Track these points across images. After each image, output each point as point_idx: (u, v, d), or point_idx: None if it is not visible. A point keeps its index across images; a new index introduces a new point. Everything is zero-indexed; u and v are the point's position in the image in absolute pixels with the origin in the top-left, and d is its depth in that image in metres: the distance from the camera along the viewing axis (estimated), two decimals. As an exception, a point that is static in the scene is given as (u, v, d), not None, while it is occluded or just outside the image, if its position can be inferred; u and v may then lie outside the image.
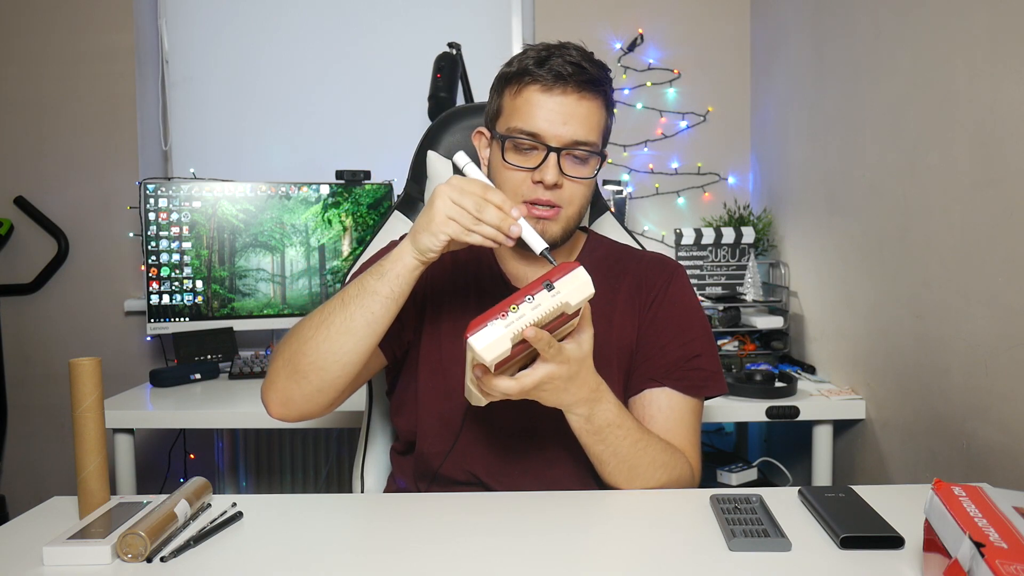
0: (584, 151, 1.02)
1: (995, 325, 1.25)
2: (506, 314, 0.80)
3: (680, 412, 1.09)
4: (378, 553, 0.83)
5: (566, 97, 1.00)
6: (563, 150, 1.01)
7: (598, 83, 1.02)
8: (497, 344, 0.79)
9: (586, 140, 1.01)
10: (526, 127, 1.01)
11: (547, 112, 1.00)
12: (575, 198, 1.05)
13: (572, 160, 1.02)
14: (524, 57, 1.02)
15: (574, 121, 1.00)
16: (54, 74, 2.47)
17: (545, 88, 1.00)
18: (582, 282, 0.82)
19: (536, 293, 0.80)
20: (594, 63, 1.03)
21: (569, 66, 0.99)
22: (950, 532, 0.68)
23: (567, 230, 1.06)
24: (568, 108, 1.00)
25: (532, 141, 1.01)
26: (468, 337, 0.79)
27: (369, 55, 2.58)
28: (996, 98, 1.24)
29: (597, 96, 1.03)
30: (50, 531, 0.87)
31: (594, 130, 1.03)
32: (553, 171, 1.00)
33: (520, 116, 1.01)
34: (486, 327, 0.79)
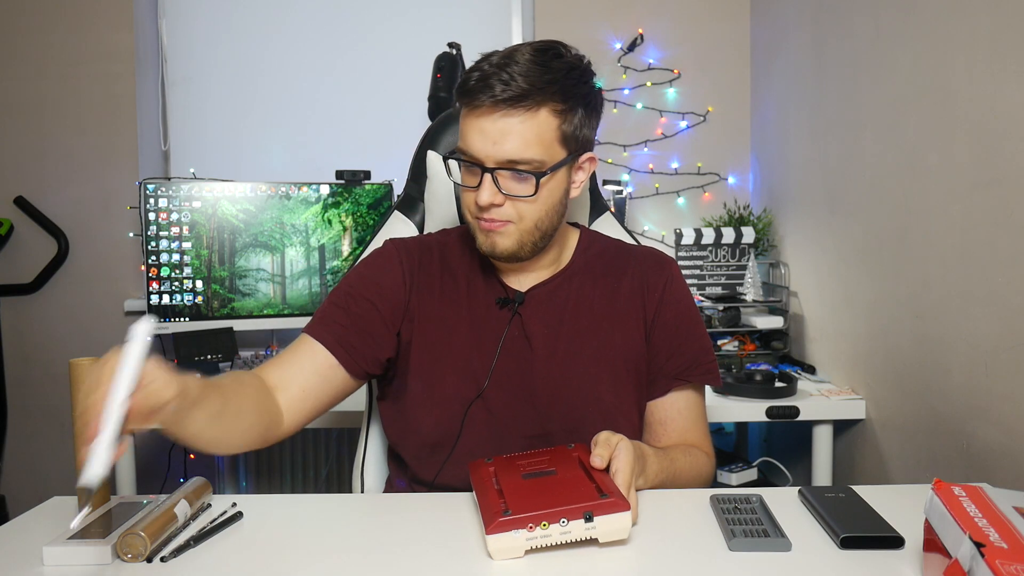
0: (518, 170, 0.99)
1: (995, 325, 1.25)
2: (533, 528, 0.78)
3: (697, 408, 1.14)
4: (378, 553, 0.83)
5: (489, 116, 0.97)
6: (496, 170, 0.99)
7: (530, 94, 0.96)
8: (511, 551, 0.79)
9: (521, 158, 0.98)
10: (462, 147, 1.01)
11: (477, 133, 0.98)
12: (525, 215, 1.02)
13: (512, 177, 1.00)
14: (463, 74, 1.01)
15: (504, 140, 0.97)
16: (54, 74, 2.47)
17: (472, 109, 0.98)
18: (622, 527, 0.80)
19: (572, 520, 0.79)
20: (533, 71, 0.97)
21: (498, 84, 0.96)
22: (950, 532, 0.68)
23: (523, 245, 1.04)
24: (497, 127, 0.97)
25: (469, 160, 1.01)
26: (487, 534, 0.79)
27: (369, 55, 2.58)
28: (996, 98, 1.24)
29: (532, 108, 0.97)
30: (50, 531, 0.87)
31: (531, 145, 0.98)
32: (487, 192, 0.99)
33: (460, 136, 1.02)
34: (509, 533, 0.78)
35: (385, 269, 1.12)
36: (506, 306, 1.10)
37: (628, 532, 0.81)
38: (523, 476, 0.89)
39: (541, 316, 1.10)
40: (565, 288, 1.12)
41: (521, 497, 0.83)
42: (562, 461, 0.92)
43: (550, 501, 0.81)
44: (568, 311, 1.10)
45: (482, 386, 1.06)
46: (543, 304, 1.10)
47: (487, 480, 0.90)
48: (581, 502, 0.80)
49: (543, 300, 1.10)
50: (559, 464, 0.92)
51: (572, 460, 0.93)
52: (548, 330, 1.09)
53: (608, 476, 0.87)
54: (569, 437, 1.02)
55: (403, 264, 1.12)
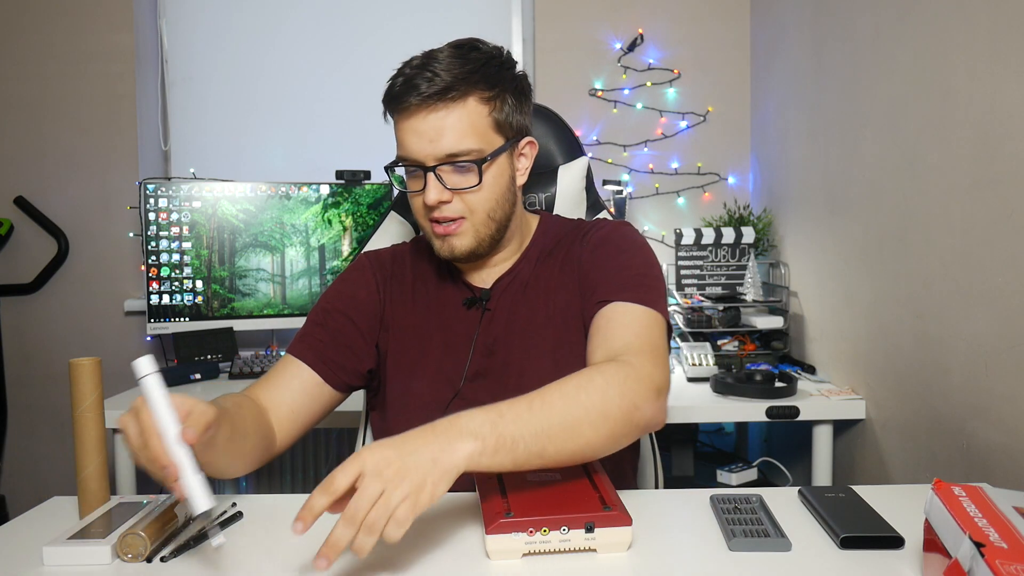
0: (458, 162, 1.00)
1: (995, 325, 1.25)
2: (533, 532, 0.79)
3: (623, 317, 0.98)
4: (378, 553, 0.83)
5: (421, 115, 0.99)
6: (437, 167, 1.00)
7: (455, 86, 0.98)
8: (508, 552, 0.79)
9: (458, 150, 0.99)
10: (401, 153, 1.02)
11: (412, 135, 1.00)
12: (476, 207, 1.02)
13: (454, 171, 1.01)
14: (389, 84, 1.03)
15: (440, 136, 0.98)
16: (54, 74, 2.47)
17: (406, 113, 1.00)
18: (621, 541, 0.80)
19: (573, 529, 0.79)
20: (454, 64, 0.98)
21: (424, 83, 0.97)
22: (950, 532, 0.68)
23: (481, 239, 1.05)
24: (428, 125, 0.99)
25: (409, 164, 1.02)
26: (487, 534, 0.79)
27: (369, 55, 2.58)
28: (996, 98, 1.24)
29: (458, 98, 0.98)
30: (50, 531, 0.88)
31: (466, 135, 0.99)
32: (433, 191, 1.00)
33: (398, 143, 1.03)
34: (509, 535, 0.79)
35: (360, 283, 1.14)
36: (473, 306, 1.11)
37: (628, 546, 0.81)
38: (527, 478, 0.89)
39: (504, 307, 1.11)
40: (523, 275, 1.13)
41: (524, 499, 0.83)
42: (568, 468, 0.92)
43: (553, 507, 0.81)
44: (525, 296, 1.11)
45: (458, 388, 1.07)
46: (505, 295, 1.11)
47: (491, 478, 0.90)
48: (584, 512, 0.80)
49: (504, 291, 1.12)
50: (564, 469, 0.91)
51: (577, 468, 0.93)
52: (511, 320, 1.10)
53: (611, 486, 0.87)
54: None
55: (376, 276, 1.15)
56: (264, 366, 2.06)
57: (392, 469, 0.72)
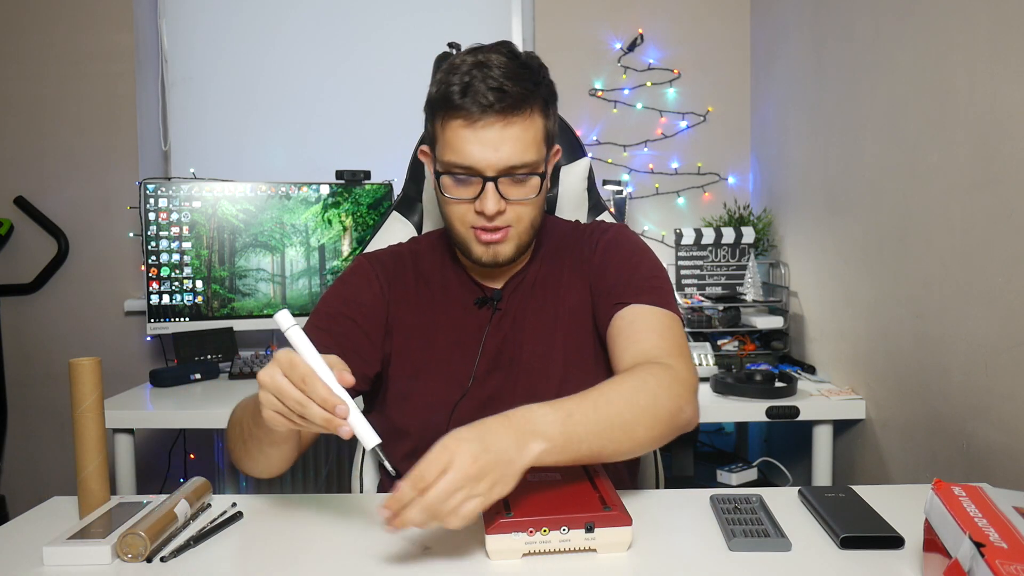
0: (521, 173, 0.99)
1: (995, 325, 1.25)
2: (533, 532, 0.79)
3: (647, 319, 1.01)
4: (378, 553, 0.83)
5: (492, 126, 0.96)
6: (499, 177, 0.98)
7: (525, 98, 0.97)
8: (508, 552, 0.79)
9: (522, 163, 0.98)
10: (459, 161, 0.98)
11: (476, 144, 0.97)
12: (523, 216, 1.03)
13: (512, 182, 0.99)
14: (447, 83, 0.98)
15: (505, 147, 0.97)
16: (54, 74, 2.47)
17: (469, 121, 0.96)
18: (621, 541, 0.80)
19: (573, 529, 0.79)
20: (518, 76, 0.97)
21: (491, 93, 0.95)
22: (950, 532, 0.68)
23: (520, 246, 1.05)
24: (496, 136, 0.96)
25: (466, 173, 0.99)
26: (487, 533, 0.79)
27: (369, 55, 2.58)
28: (996, 98, 1.24)
29: (526, 111, 0.98)
30: (50, 531, 0.88)
31: (530, 148, 0.99)
32: (493, 200, 0.98)
33: (452, 150, 0.98)
34: (509, 535, 0.78)
35: (362, 286, 1.13)
36: (484, 306, 1.11)
37: (628, 547, 0.81)
38: (528, 478, 0.89)
39: (517, 307, 1.11)
40: (532, 276, 1.13)
41: (524, 499, 0.83)
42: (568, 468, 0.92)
43: (553, 507, 0.81)
44: (533, 297, 1.12)
45: (466, 387, 1.07)
46: (514, 296, 1.12)
47: None
48: (584, 511, 0.80)
49: (515, 289, 1.12)
50: (564, 469, 0.91)
51: (577, 468, 0.93)
52: (519, 320, 1.10)
53: (611, 485, 0.87)
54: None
55: (379, 278, 1.13)
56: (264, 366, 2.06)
57: (476, 466, 0.75)
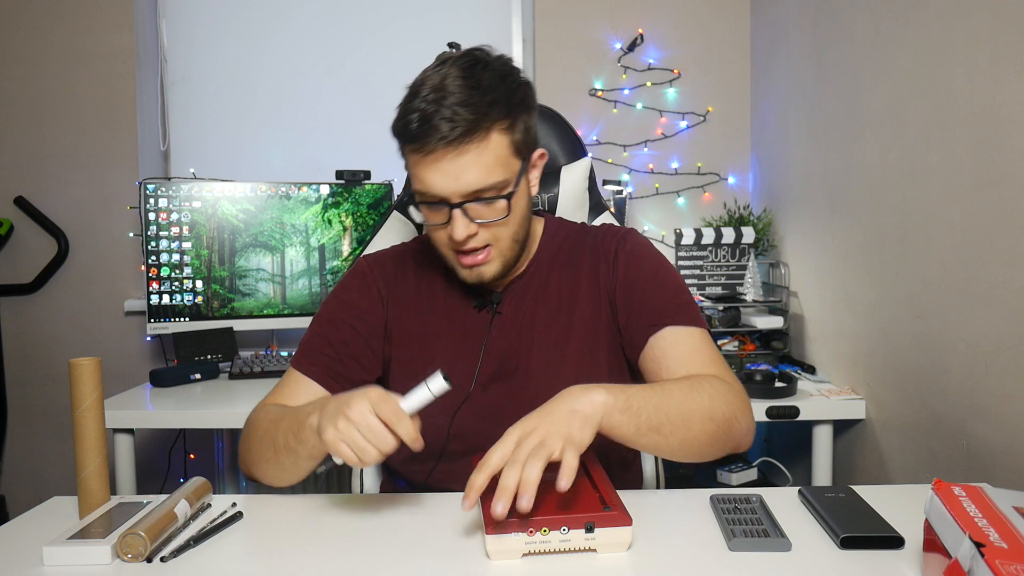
0: (484, 199, 0.97)
1: (995, 325, 1.25)
2: (533, 532, 0.79)
3: (688, 341, 1.04)
4: (378, 553, 0.83)
5: (446, 157, 0.94)
6: (465, 203, 0.97)
7: (477, 123, 0.94)
8: (508, 552, 0.79)
9: (484, 187, 0.96)
10: (423, 190, 0.98)
11: (435, 175, 0.96)
12: (501, 235, 1.01)
13: (481, 205, 0.98)
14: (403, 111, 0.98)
15: (464, 174, 0.95)
16: (54, 74, 2.47)
17: (423, 153, 0.95)
18: (622, 541, 0.80)
19: (573, 529, 0.79)
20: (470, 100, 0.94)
21: (443, 124, 0.93)
22: (950, 532, 0.68)
23: (506, 263, 1.04)
24: (451, 165, 0.95)
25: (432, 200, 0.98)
26: (488, 534, 0.79)
27: (369, 55, 2.58)
28: (996, 98, 1.24)
29: (479, 134, 0.95)
30: (50, 531, 0.87)
31: (492, 170, 0.96)
32: (460, 226, 0.97)
33: (416, 179, 0.98)
34: (509, 535, 0.79)
35: (361, 290, 1.12)
36: (484, 308, 1.10)
37: (628, 546, 0.81)
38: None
39: (517, 311, 1.10)
40: (536, 279, 1.12)
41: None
42: None
43: (553, 507, 0.81)
44: (539, 301, 1.11)
45: (468, 390, 1.06)
46: (518, 299, 1.11)
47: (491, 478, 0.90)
48: (584, 511, 0.80)
49: (518, 295, 1.11)
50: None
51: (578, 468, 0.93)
52: (524, 324, 1.09)
53: (611, 486, 0.87)
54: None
55: (377, 281, 1.13)
56: (264, 366, 2.06)
57: (540, 432, 0.80)
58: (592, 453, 0.96)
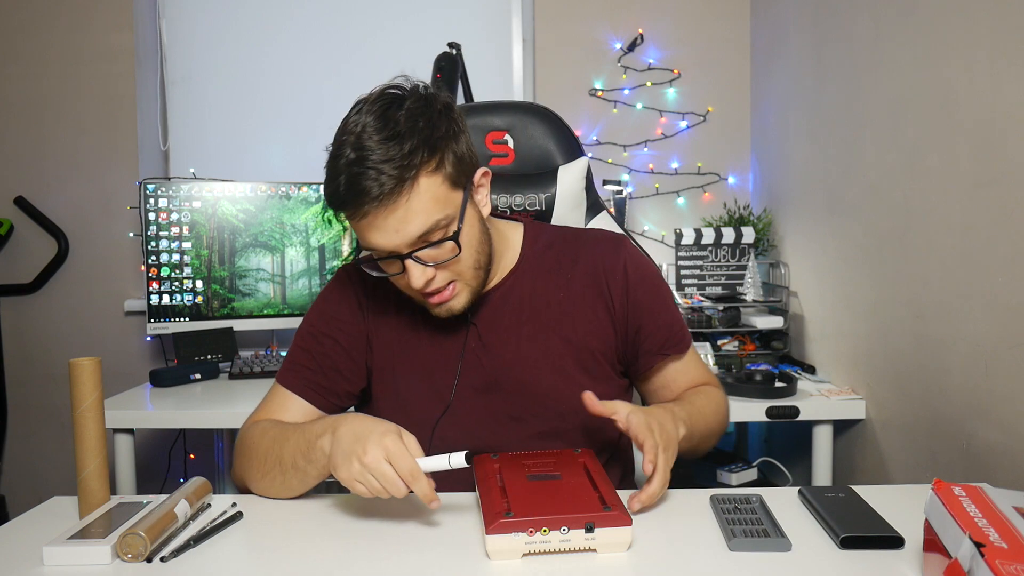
0: (432, 242, 0.95)
1: (995, 325, 1.25)
2: (533, 532, 0.79)
3: (690, 363, 1.16)
4: (378, 553, 0.83)
5: (380, 215, 0.92)
6: (412, 253, 0.95)
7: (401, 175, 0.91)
8: (508, 552, 0.79)
9: (427, 230, 0.93)
10: (371, 246, 0.97)
11: (375, 233, 0.94)
12: (461, 268, 0.99)
13: (431, 249, 0.96)
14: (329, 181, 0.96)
15: (404, 226, 0.93)
16: (54, 74, 2.47)
17: (358, 218, 0.94)
18: (622, 541, 0.80)
19: (573, 529, 0.79)
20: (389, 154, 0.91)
21: (371, 184, 0.90)
22: (950, 532, 0.68)
23: (474, 290, 1.03)
24: (389, 221, 0.93)
25: (382, 255, 0.97)
26: (487, 533, 0.78)
27: (369, 55, 2.58)
28: (996, 98, 1.24)
29: (406, 185, 0.92)
30: (50, 531, 0.87)
31: (430, 213, 0.94)
32: (416, 274, 0.96)
33: (362, 239, 0.97)
34: (509, 535, 0.78)
35: (341, 300, 1.12)
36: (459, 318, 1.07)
37: (628, 546, 0.81)
38: (528, 477, 0.89)
39: (499, 320, 1.08)
40: (518, 287, 1.10)
41: (524, 499, 0.83)
42: (568, 466, 0.92)
43: (553, 507, 0.81)
44: (525, 310, 1.08)
45: (447, 402, 1.06)
46: (499, 308, 1.09)
47: (491, 477, 0.90)
48: (584, 511, 0.80)
49: (499, 304, 1.09)
50: (564, 468, 0.91)
51: (578, 465, 0.93)
52: (508, 333, 1.08)
53: (611, 486, 0.87)
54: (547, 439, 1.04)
55: (357, 292, 1.12)
56: (264, 366, 2.06)
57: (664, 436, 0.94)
58: (592, 453, 0.96)
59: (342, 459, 0.86)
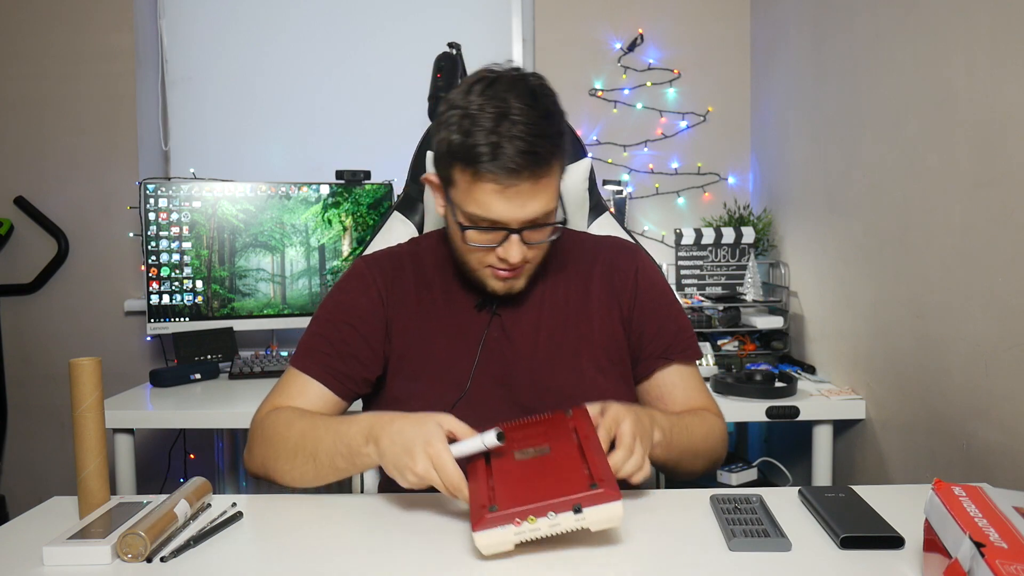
0: (545, 223, 1.01)
1: (995, 325, 1.25)
2: (520, 523, 0.78)
3: (691, 380, 1.16)
4: (378, 553, 0.83)
5: (522, 187, 0.95)
6: (523, 230, 0.99)
7: (553, 155, 0.97)
8: (499, 546, 0.78)
9: (545, 214, 0.99)
10: (486, 215, 0.97)
11: (501, 203, 0.96)
12: (539, 254, 1.06)
13: (533, 230, 1.00)
14: (470, 134, 0.94)
15: (532, 203, 0.97)
16: (54, 74, 2.47)
17: (501, 186, 0.95)
18: (612, 516, 0.79)
19: (560, 512, 0.78)
20: (544, 130, 0.95)
21: (520, 156, 0.93)
22: (950, 532, 0.68)
23: (532, 276, 1.09)
24: (525, 195, 0.96)
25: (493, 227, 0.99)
26: (474, 531, 0.78)
27: (369, 55, 2.58)
28: (996, 98, 1.24)
29: (554, 165, 0.98)
30: (50, 531, 0.87)
31: (552, 198, 1.00)
32: (517, 250, 1.00)
33: (478, 205, 0.97)
34: (496, 529, 0.77)
35: (360, 290, 1.13)
36: (484, 309, 1.11)
37: (620, 520, 0.79)
38: (516, 456, 0.88)
39: (520, 315, 1.11)
40: (540, 286, 1.13)
41: (510, 486, 0.82)
42: (557, 435, 0.91)
43: (539, 492, 0.79)
44: (545, 307, 1.12)
45: (464, 389, 1.07)
46: (520, 304, 1.11)
47: (479, 458, 0.89)
48: (569, 494, 0.78)
49: (520, 300, 1.11)
50: (554, 439, 0.90)
51: (568, 432, 0.91)
52: (528, 329, 1.10)
53: (602, 455, 0.85)
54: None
55: (376, 282, 1.13)
56: (264, 366, 2.06)
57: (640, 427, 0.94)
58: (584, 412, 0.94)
59: (398, 474, 0.89)
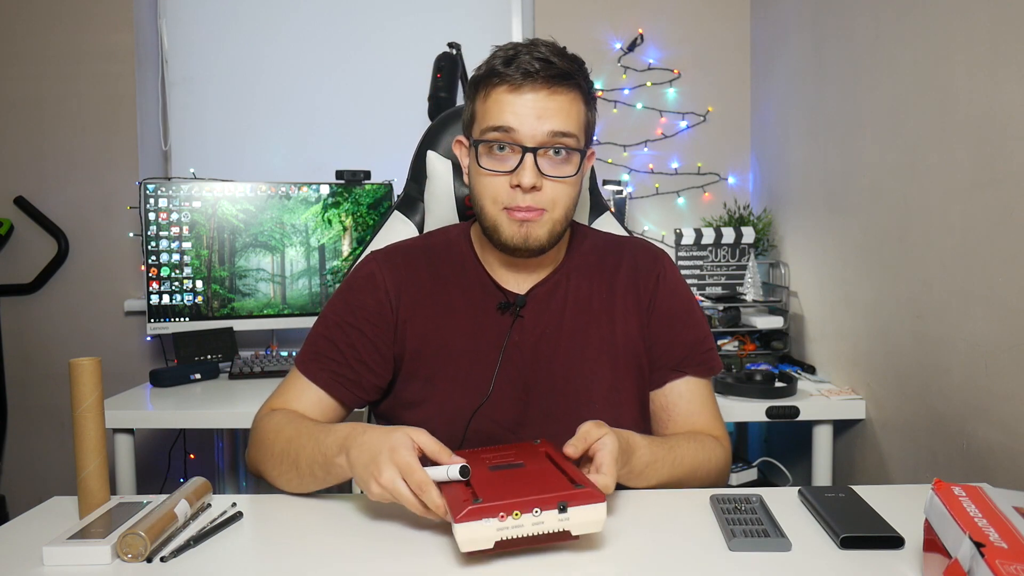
0: (563, 145, 0.98)
1: (995, 325, 1.25)
2: (504, 518, 0.76)
3: (701, 395, 1.12)
4: (378, 553, 0.83)
5: (536, 93, 0.96)
6: (539, 149, 0.97)
7: (569, 76, 0.98)
8: (481, 542, 0.76)
9: (564, 131, 0.97)
10: (499, 123, 0.97)
11: (518, 109, 0.96)
12: (559, 199, 1.00)
13: (551, 160, 0.98)
14: (492, 58, 0.99)
15: (548, 115, 0.96)
16: (54, 74, 2.47)
17: (514, 87, 0.96)
18: (596, 519, 0.77)
19: (546, 510, 0.76)
20: (565, 57, 0.99)
21: (536, 62, 0.96)
22: (950, 532, 0.68)
23: (553, 234, 1.02)
24: (540, 103, 0.96)
25: (506, 140, 0.98)
26: (455, 523, 0.76)
27: (369, 55, 2.59)
28: (996, 98, 1.24)
29: (571, 89, 0.99)
30: (50, 531, 0.87)
31: (572, 121, 0.98)
32: (530, 172, 0.96)
33: (492, 115, 0.98)
34: (479, 522, 0.75)
35: (369, 290, 1.09)
36: (507, 311, 1.07)
37: (602, 525, 0.78)
38: (490, 468, 0.87)
39: (541, 317, 1.08)
40: (563, 286, 1.10)
41: (491, 487, 0.80)
42: (529, 456, 0.90)
43: (522, 490, 0.78)
44: (568, 309, 1.09)
45: (485, 395, 1.04)
46: (543, 304, 1.08)
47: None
48: (555, 491, 0.77)
49: (543, 300, 1.09)
50: (526, 458, 0.89)
51: (539, 455, 0.90)
52: (549, 331, 1.07)
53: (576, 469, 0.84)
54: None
55: (386, 279, 1.09)
56: (264, 366, 2.06)
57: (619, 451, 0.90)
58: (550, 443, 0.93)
59: (363, 484, 0.86)
